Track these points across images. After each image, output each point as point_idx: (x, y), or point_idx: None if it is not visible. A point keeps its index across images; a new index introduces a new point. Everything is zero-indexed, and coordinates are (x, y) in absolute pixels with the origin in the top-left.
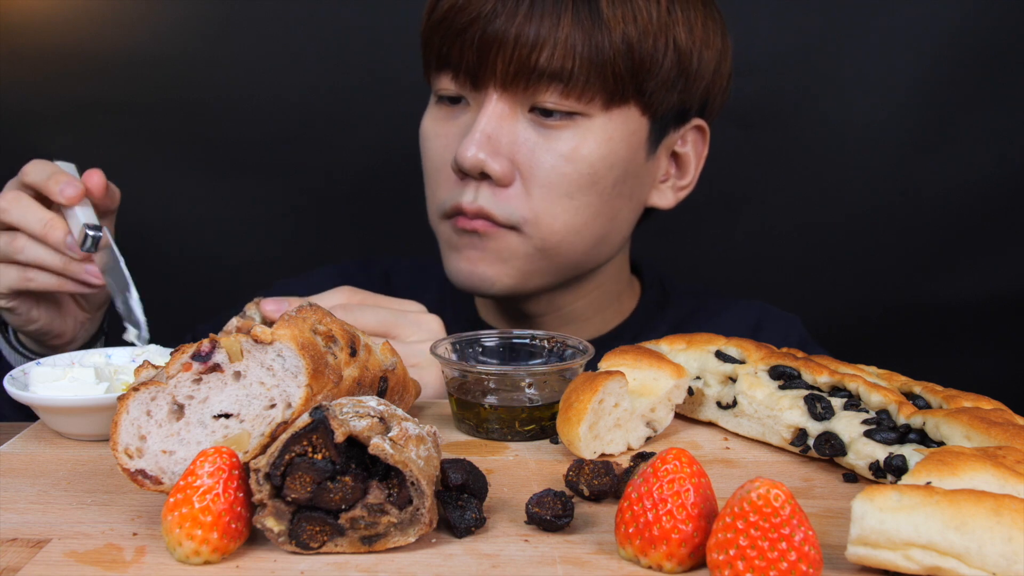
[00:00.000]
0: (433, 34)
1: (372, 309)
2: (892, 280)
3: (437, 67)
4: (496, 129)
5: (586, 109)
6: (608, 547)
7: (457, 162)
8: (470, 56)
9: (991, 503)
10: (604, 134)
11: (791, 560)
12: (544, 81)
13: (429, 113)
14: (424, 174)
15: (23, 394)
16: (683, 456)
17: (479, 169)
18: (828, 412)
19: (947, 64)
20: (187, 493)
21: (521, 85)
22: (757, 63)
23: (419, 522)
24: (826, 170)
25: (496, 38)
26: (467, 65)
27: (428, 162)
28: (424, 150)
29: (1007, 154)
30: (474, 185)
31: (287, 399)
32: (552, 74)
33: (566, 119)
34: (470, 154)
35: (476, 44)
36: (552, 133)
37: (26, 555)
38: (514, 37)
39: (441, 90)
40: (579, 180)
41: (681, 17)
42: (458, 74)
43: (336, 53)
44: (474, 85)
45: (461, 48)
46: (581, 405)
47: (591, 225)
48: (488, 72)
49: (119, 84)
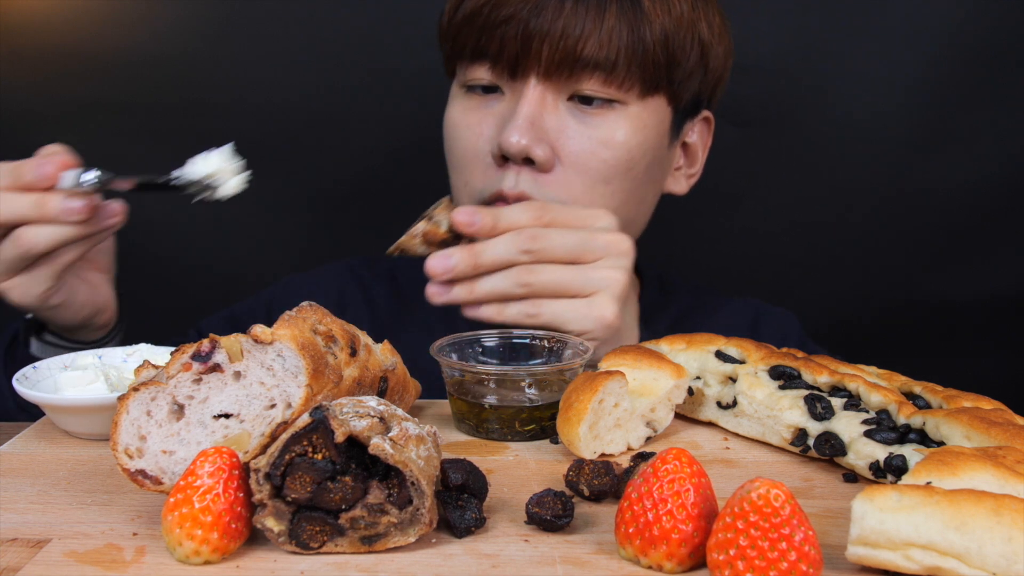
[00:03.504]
0: (465, 26)
1: (560, 234)
2: (892, 280)
3: (471, 58)
4: (538, 115)
5: (624, 97)
6: (608, 547)
7: (502, 148)
8: (512, 47)
9: (991, 503)
10: (639, 121)
11: (791, 560)
12: (588, 70)
13: (456, 104)
14: (451, 164)
15: (34, 393)
16: (683, 456)
17: (524, 154)
18: (828, 412)
19: (947, 64)
20: (187, 493)
21: (564, 74)
22: (757, 62)
23: (419, 522)
24: (825, 169)
25: (542, 29)
26: (508, 55)
27: (459, 151)
28: (453, 140)
29: (1007, 154)
30: (515, 170)
31: (287, 399)
32: (596, 63)
33: (605, 106)
34: (515, 139)
35: (520, 35)
36: (591, 120)
37: (26, 555)
38: (562, 28)
39: (473, 80)
40: (616, 165)
41: (703, 13)
42: (496, 64)
43: (337, 52)
44: (512, 74)
45: (502, 39)
46: (581, 405)
47: (622, 210)
48: (531, 62)
49: (119, 84)
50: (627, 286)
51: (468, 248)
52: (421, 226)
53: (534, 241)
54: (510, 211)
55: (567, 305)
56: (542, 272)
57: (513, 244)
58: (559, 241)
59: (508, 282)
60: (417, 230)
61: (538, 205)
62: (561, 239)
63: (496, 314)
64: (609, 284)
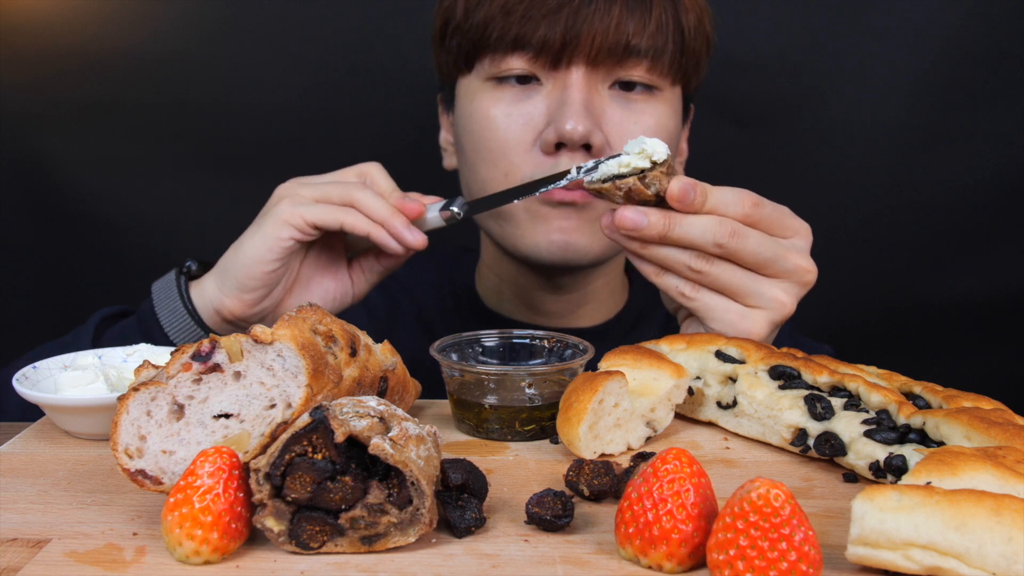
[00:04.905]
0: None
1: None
2: (892, 279)
3: (508, 48)
4: (589, 101)
5: (663, 84)
6: (608, 547)
7: (561, 135)
8: (559, 36)
9: (991, 503)
10: (673, 108)
11: (791, 560)
12: (636, 58)
13: (485, 96)
14: (482, 158)
15: (34, 393)
16: (683, 456)
17: (586, 140)
18: (828, 412)
19: (947, 64)
20: (187, 493)
21: (612, 62)
22: (756, 62)
23: (419, 522)
24: (825, 169)
25: (593, 19)
26: (554, 45)
27: (497, 143)
28: (488, 132)
29: (1007, 154)
30: (568, 156)
31: (287, 399)
32: (644, 52)
33: (646, 93)
34: (572, 126)
35: (570, 25)
36: (636, 106)
37: (26, 555)
38: (614, 19)
39: (507, 71)
40: None
41: (706, 6)
42: (539, 55)
43: (336, 53)
44: (555, 64)
45: (550, 29)
46: (581, 405)
47: None
48: (580, 51)
49: (119, 84)
50: (789, 316)
51: (665, 216)
52: (632, 182)
53: (732, 238)
54: (723, 195)
55: (724, 304)
56: (722, 269)
57: (711, 232)
58: (753, 247)
59: (683, 260)
60: (626, 184)
61: (753, 199)
62: (757, 246)
63: (654, 274)
64: (775, 307)
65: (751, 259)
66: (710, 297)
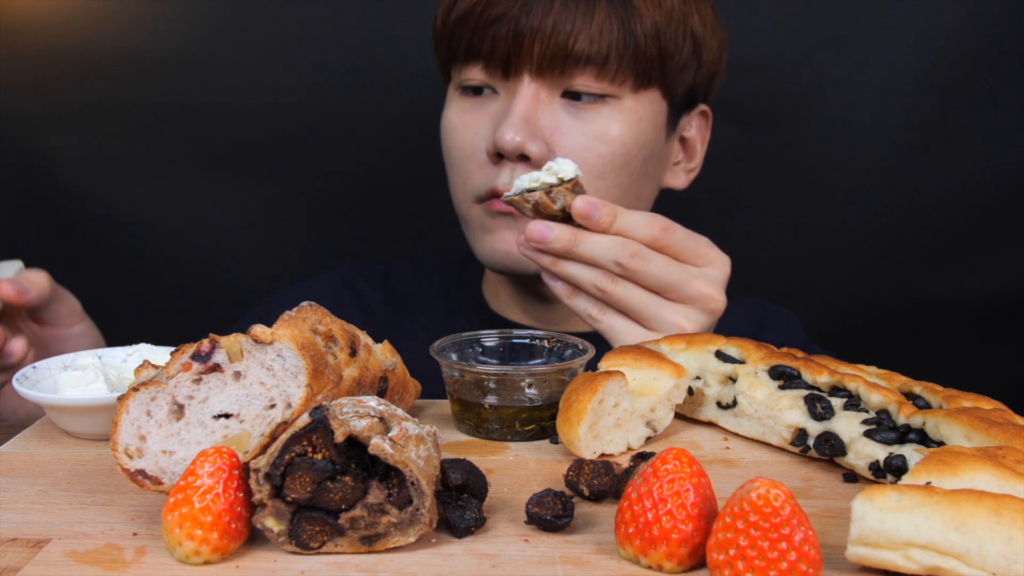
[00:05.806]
0: (458, 28)
1: (660, 265)
2: (892, 280)
3: (464, 59)
4: (532, 113)
5: (617, 91)
6: (608, 547)
7: (497, 145)
8: (504, 46)
9: (991, 503)
10: (634, 115)
11: (791, 560)
12: (580, 66)
13: (453, 105)
14: (449, 165)
15: (34, 393)
16: (683, 456)
17: (519, 151)
18: (828, 412)
19: (947, 64)
20: (187, 493)
21: (556, 70)
22: (757, 62)
23: (419, 522)
24: (825, 169)
25: (533, 27)
26: (500, 55)
27: (455, 152)
28: (450, 140)
29: (1007, 154)
30: (510, 167)
31: (287, 399)
32: (588, 59)
33: (598, 101)
34: (509, 137)
35: (511, 34)
36: (584, 115)
37: (26, 555)
38: (552, 26)
39: (467, 81)
40: (612, 160)
41: (694, 7)
42: (489, 64)
43: (336, 54)
44: (505, 74)
45: (494, 39)
46: (581, 405)
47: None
48: (523, 60)
49: (119, 84)
50: None
51: (571, 231)
52: (538, 196)
53: (633, 259)
54: (632, 218)
55: (628, 328)
56: (625, 290)
57: (612, 252)
58: (655, 271)
59: (590, 279)
60: (533, 197)
61: (664, 224)
62: (658, 270)
63: (567, 295)
64: (675, 332)
65: (653, 282)
66: (615, 320)
